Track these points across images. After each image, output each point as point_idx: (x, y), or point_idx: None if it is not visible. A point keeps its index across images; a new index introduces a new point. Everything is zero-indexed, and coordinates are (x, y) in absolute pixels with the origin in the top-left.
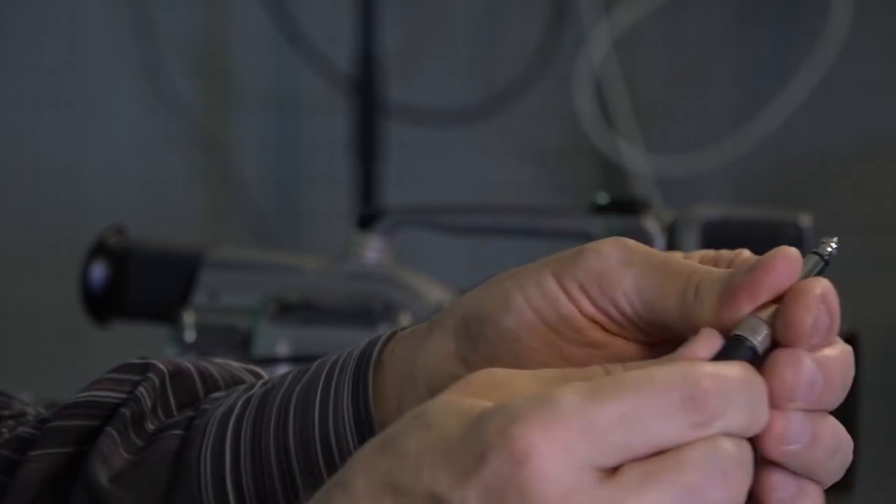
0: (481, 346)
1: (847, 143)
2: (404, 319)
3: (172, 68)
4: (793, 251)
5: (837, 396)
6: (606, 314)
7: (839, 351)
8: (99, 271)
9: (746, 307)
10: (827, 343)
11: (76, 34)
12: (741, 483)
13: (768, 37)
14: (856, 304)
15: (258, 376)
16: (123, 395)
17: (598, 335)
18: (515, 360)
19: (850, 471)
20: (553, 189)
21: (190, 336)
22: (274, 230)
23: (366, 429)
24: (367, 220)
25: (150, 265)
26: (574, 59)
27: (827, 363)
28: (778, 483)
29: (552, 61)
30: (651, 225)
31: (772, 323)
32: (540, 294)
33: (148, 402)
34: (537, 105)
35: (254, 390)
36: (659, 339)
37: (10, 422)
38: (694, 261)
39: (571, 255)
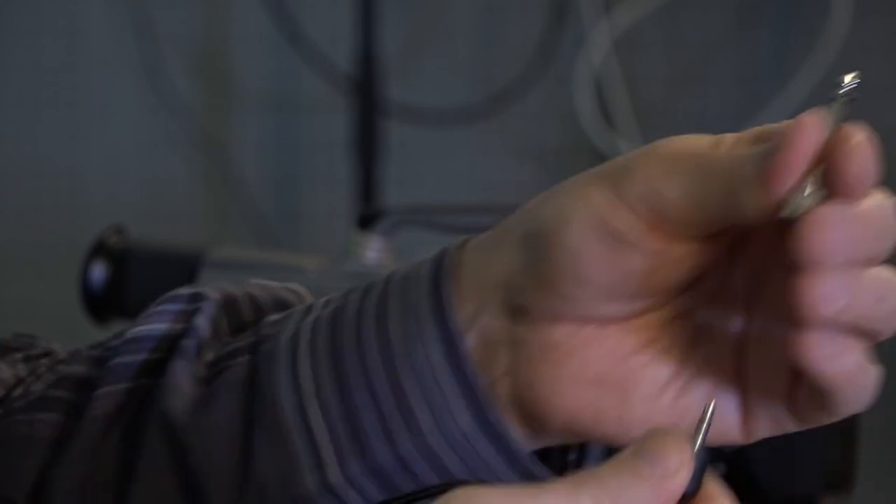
0: (543, 260)
1: None
2: None
3: (172, 68)
4: (811, 119)
5: (880, 246)
6: (662, 218)
7: (876, 201)
8: (99, 271)
9: (786, 184)
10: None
11: (76, 34)
12: None
13: (768, 37)
14: None
15: (298, 295)
16: (180, 326)
17: (656, 244)
18: (579, 272)
19: (850, 471)
20: None
21: None
22: (274, 230)
23: (451, 341)
24: (367, 220)
25: (150, 265)
26: (574, 59)
27: (863, 214)
28: (816, 342)
29: (552, 61)
30: None
31: (821, 182)
32: (594, 206)
33: (208, 332)
34: (537, 105)
35: (317, 311)
36: (717, 235)
37: (44, 360)
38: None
39: (621, 169)
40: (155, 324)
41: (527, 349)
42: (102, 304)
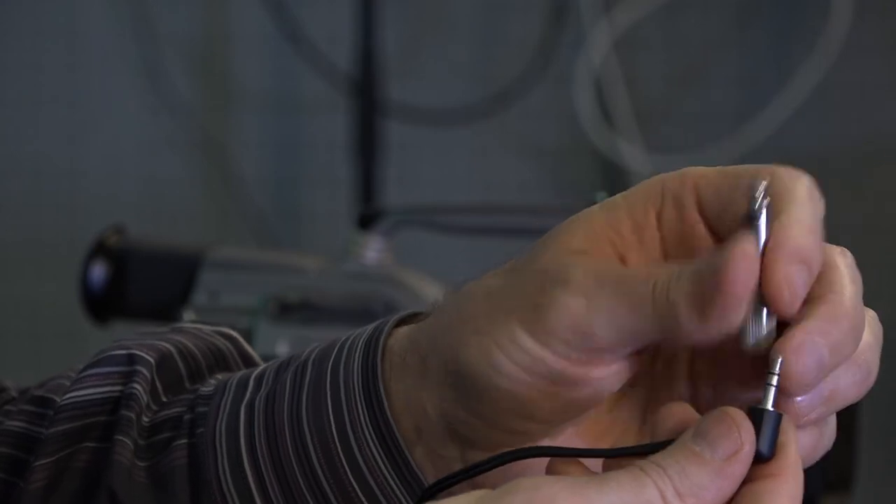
0: (485, 401)
1: (847, 143)
2: None
3: (172, 68)
4: (744, 249)
5: (855, 344)
6: (598, 354)
7: (842, 306)
8: (99, 271)
9: (735, 319)
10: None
11: (76, 34)
12: None
13: (768, 37)
14: None
15: (232, 339)
16: (117, 389)
17: (596, 372)
18: (522, 411)
19: (850, 471)
20: (553, 189)
21: None
22: (274, 230)
23: (392, 447)
24: (367, 220)
25: (150, 265)
26: (574, 59)
27: (839, 331)
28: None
29: (552, 61)
30: None
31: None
32: (523, 354)
33: (145, 399)
34: (537, 105)
35: (249, 394)
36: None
37: None
38: (639, 205)
39: (533, 309)
40: (90, 389)
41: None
42: (102, 304)
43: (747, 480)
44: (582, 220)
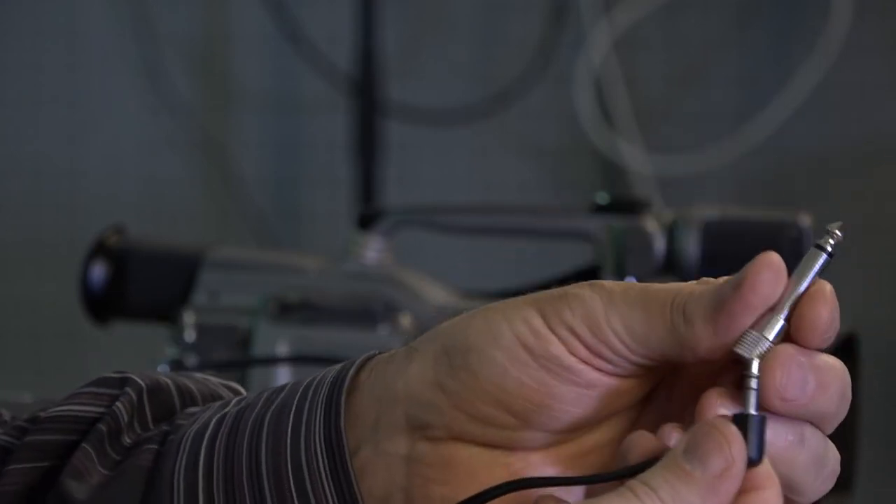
0: (463, 375)
1: (847, 143)
2: (404, 319)
3: (172, 68)
4: (774, 259)
5: (832, 407)
6: (600, 355)
7: (834, 360)
8: (99, 271)
9: (741, 326)
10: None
11: (76, 34)
12: None
13: (768, 37)
14: (856, 304)
15: (236, 393)
16: (101, 410)
17: (591, 375)
18: (500, 394)
19: (850, 471)
20: (553, 189)
21: (190, 336)
22: (274, 230)
23: (336, 453)
24: (367, 220)
25: (150, 265)
26: (574, 59)
27: (823, 367)
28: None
29: (552, 61)
30: (651, 225)
31: (772, 332)
32: (529, 331)
33: (125, 417)
34: (537, 105)
35: (228, 408)
36: (653, 368)
37: None
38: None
39: (554, 298)
40: (77, 405)
41: (424, 467)
42: (102, 304)
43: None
44: None
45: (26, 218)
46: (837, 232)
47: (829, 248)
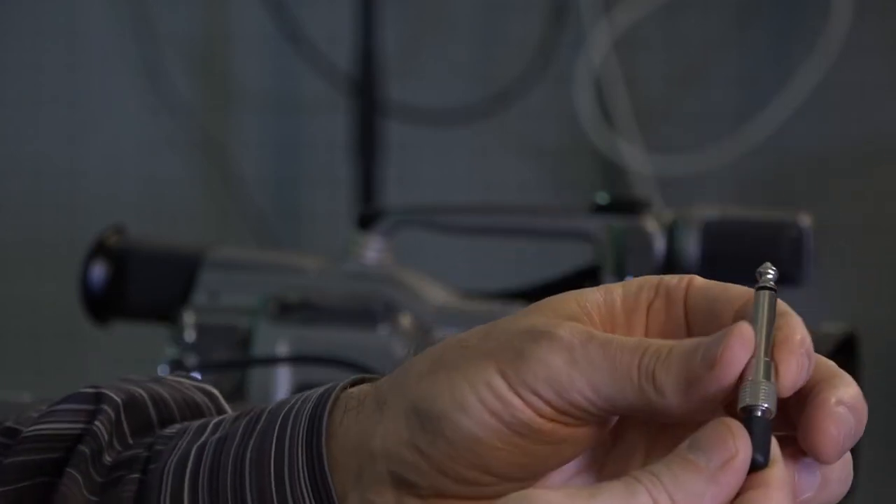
0: (440, 443)
1: (847, 143)
2: (404, 319)
3: (172, 68)
4: (745, 333)
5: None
6: (568, 413)
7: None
8: (99, 271)
9: (715, 399)
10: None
11: (76, 34)
12: None
13: (768, 37)
14: (856, 304)
15: (210, 395)
16: (80, 426)
17: (563, 432)
18: (477, 459)
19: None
20: (553, 189)
21: (190, 336)
22: (274, 230)
23: (323, 496)
24: (367, 220)
25: (150, 265)
26: (574, 59)
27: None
28: None
29: (552, 61)
30: (651, 225)
31: (770, 375)
32: (493, 396)
33: (105, 437)
34: (537, 105)
35: (205, 436)
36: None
37: None
38: (634, 290)
39: (514, 358)
40: (54, 423)
41: None
42: (102, 304)
43: (742, 490)
44: (576, 293)
45: (26, 218)
46: (770, 271)
47: (771, 284)
